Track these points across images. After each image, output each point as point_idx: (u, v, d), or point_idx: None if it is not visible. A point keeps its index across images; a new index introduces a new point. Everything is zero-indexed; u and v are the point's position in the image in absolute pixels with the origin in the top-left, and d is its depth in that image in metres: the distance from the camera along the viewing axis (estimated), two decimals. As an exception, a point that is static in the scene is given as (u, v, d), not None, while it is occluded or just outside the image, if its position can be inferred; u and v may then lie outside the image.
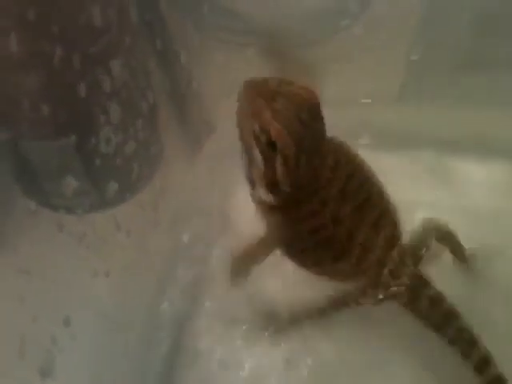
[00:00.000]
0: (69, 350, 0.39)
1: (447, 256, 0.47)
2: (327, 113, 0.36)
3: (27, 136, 0.44)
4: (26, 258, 0.44)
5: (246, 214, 0.44)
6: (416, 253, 0.43)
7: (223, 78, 0.52)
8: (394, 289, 0.42)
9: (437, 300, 0.42)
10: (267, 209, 0.39)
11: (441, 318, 0.41)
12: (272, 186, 0.37)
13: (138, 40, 0.49)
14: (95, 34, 0.42)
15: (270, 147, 0.35)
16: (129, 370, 0.46)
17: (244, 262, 0.42)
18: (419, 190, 0.54)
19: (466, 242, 0.47)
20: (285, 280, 0.48)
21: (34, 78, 0.40)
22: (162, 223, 0.52)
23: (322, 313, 0.44)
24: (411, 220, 0.46)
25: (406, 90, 0.57)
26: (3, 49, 0.38)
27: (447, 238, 0.46)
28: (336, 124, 0.37)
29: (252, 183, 0.38)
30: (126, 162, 0.48)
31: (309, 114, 0.35)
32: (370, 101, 0.57)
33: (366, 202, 0.40)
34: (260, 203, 0.39)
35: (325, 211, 0.38)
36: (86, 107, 0.42)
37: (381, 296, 0.42)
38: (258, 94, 0.34)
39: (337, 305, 0.43)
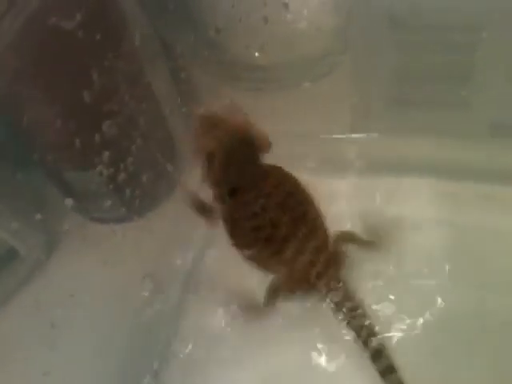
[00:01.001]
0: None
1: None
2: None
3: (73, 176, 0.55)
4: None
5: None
6: (337, 259, 0.55)
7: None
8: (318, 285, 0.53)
9: (347, 296, 0.53)
10: (221, 205, 0.53)
11: (349, 313, 0.52)
12: (213, 181, 0.52)
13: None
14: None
15: (211, 157, 0.50)
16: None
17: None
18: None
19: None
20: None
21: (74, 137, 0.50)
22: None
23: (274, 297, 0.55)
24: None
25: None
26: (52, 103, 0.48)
27: (351, 239, 0.58)
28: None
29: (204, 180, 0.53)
30: (146, 185, 0.58)
31: (238, 140, 0.51)
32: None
33: (302, 217, 0.52)
34: (214, 199, 0.54)
35: (264, 215, 0.51)
36: (114, 145, 0.53)
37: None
38: (207, 123, 0.51)
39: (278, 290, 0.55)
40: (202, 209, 0.55)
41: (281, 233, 0.52)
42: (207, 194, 0.54)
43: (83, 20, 0.44)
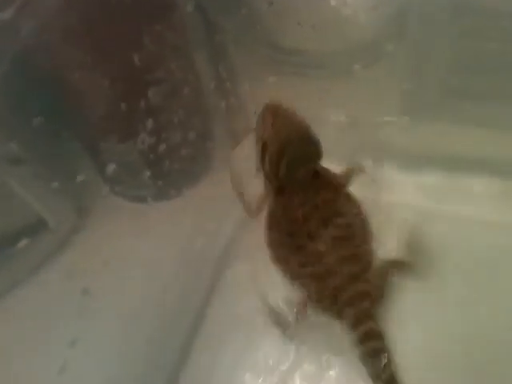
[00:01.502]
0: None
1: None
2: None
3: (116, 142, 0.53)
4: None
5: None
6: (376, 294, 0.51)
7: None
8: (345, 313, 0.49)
9: (371, 334, 0.48)
10: (267, 191, 0.52)
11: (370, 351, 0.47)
12: (264, 174, 0.50)
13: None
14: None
15: (263, 148, 0.48)
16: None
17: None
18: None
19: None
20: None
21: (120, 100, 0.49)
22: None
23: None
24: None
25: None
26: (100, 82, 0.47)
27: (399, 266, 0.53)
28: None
29: (258, 169, 0.51)
30: (184, 160, 0.57)
31: (296, 133, 0.48)
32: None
33: (345, 238, 0.50)
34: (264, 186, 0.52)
35: (303, 225, 0.49)
36: (157, 114, 0.51)
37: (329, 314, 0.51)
38: (270, 113, 0.49)
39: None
40: (247, 204, 0.54)
41: (316, 247, 0.49)
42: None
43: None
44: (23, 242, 0.45)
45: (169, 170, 0.56)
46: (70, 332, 0.45)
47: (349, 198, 0.52)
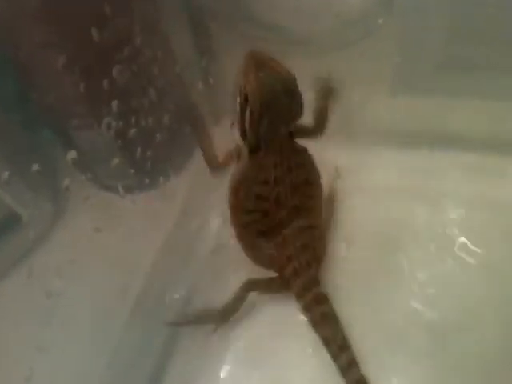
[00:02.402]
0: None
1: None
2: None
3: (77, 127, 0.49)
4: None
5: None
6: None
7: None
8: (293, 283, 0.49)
9: (321, 298, 0.48)
10: (243, 154, 0.48)
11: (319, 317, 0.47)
12: (242, 131, 0.46)
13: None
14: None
15: (245, 100, 0.43)
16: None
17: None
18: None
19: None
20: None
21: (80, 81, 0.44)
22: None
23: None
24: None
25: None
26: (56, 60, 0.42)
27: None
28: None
29: (232, 124, 0.47)
30: (158, 148, 0.52)
31: (282, 88, 0.43)
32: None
33: (306, 210, 0.49)
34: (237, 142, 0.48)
35: (274, 187, 0.47)
36: (124, 95, 0.47)
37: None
38: (253, 62, 0.43)
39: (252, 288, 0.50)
40: (210, 154, 0.51)
41: (280, 214, 0.48)
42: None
43: None
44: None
45: (142, 158, 0.51)
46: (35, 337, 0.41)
47: (314, 164, 0.50)
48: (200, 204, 0.60)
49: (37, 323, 0.42)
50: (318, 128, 0.50)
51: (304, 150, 0.49)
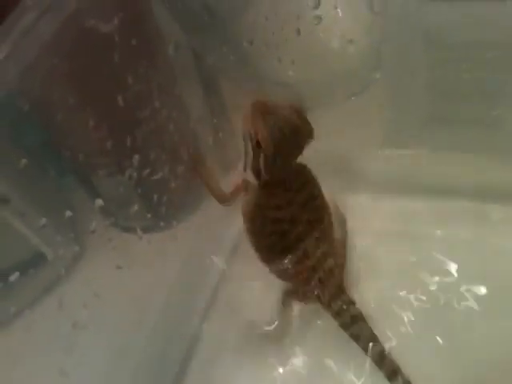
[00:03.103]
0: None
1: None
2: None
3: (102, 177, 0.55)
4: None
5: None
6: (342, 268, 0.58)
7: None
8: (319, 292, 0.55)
9: (349, 303, 0.55)
10: (251, 185, 0.54)
11: (349, 319, 0.53)
12: (256, 172, 0.51)
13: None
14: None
15: (257, 146, 0.49)
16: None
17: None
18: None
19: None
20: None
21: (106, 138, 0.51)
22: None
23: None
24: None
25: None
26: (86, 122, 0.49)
27: None
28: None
29: (245, 168, 0.53)
30: (173, 195, 0.59)
31: (289, 128, 0.49)
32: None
33: (318, 221, 0.54)
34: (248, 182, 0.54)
35: (287, 210, 0.52)
36: (144, 151, 0.53)
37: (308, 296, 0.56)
38: (259, 110, 0.49)
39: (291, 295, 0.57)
40: (217, 191, 0.57)
41: (297, 230, 0.53)
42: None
43: (120, 25, 0.45)
44: (20, 276, 0.46)
45: (158, 204, 0.57)
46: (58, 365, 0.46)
47: (314, 177, 0.55)
48: (207, 243, 0.66)
49: (61, 349, 0.47)
50: None
51: (304, 166, 0.55)
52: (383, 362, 0.51)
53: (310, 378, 0.55)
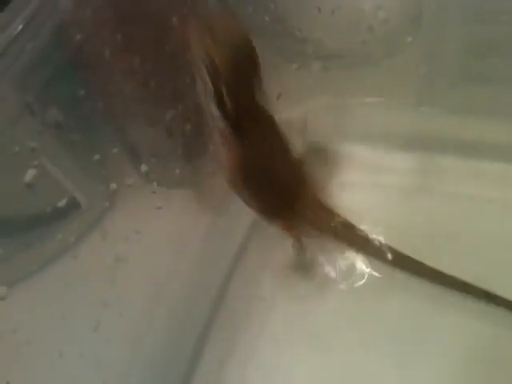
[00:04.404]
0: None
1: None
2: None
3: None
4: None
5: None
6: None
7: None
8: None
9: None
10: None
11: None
12: (219, 101, 0.43)
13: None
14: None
15: (215, 73, 0.42)
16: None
17: None
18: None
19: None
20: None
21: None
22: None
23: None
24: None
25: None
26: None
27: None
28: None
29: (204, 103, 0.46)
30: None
31: (242, 44, 0.42)
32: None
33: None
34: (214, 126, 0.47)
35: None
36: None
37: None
38: (204, 28, 0.42)
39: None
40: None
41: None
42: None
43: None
44: (57, 221, 0.49)
45: (197, 153, 0.59)
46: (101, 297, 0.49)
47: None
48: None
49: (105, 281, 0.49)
50: None
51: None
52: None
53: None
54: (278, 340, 0.55)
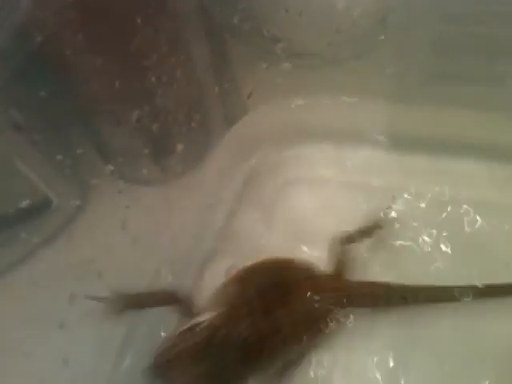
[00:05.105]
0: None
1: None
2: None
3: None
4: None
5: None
6: None
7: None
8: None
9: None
10: None
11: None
12: None
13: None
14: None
15: None
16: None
17: None
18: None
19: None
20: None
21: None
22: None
23: None
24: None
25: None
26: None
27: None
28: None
29: None
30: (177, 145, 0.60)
31: None
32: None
33: None
34: None
35: None
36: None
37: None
38: None
39: None
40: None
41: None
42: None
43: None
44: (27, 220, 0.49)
45: (164, 153, 0.60)
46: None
47: None
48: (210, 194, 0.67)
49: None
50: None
51: None
52: None
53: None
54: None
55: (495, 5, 0.57)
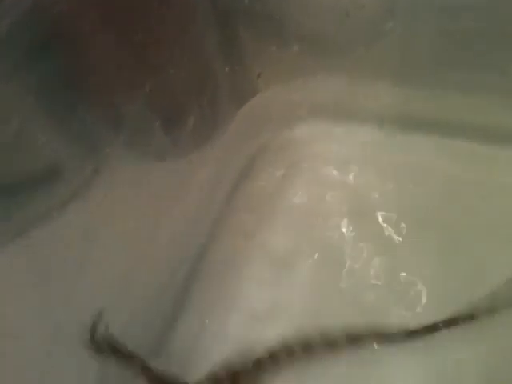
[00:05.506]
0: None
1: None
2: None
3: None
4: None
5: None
6: None
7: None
8: None
9: None
10: None
11: None
12: None
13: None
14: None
15: None
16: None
17: None
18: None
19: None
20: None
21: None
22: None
23: None
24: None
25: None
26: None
27: None
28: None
29: None
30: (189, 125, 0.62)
31: None
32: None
33: None
34: None
35: None
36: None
37: None
38: None
39: None
40: None
41: None
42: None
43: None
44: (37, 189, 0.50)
45: (175, 132, 0.61)
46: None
47: None
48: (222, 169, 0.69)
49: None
50: None
51: None
52: None
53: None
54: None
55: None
